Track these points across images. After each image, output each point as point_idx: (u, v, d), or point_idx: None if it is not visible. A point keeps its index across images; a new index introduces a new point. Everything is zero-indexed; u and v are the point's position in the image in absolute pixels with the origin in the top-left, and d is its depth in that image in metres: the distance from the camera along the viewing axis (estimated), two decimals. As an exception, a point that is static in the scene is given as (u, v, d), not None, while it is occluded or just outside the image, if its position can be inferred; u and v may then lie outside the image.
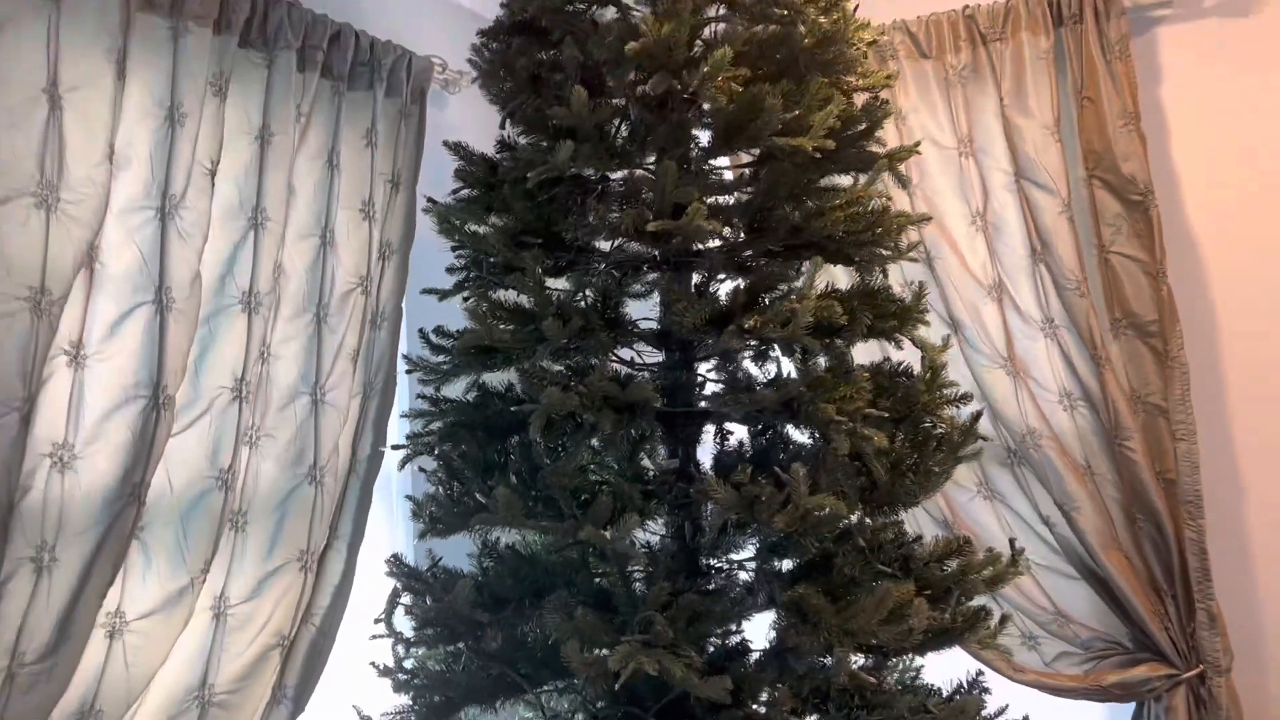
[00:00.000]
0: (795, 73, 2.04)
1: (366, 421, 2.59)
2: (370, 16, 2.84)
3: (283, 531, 2.37)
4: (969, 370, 2.75)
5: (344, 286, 2.56)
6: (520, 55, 2.08)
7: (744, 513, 1.78)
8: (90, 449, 1.99)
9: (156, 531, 2.13)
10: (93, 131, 1.97)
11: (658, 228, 1.80)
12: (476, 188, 2.14)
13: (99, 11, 1.99)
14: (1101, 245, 2.62)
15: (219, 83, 2.24)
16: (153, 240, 2.09)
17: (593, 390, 1.79)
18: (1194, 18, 2.63)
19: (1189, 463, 2.53)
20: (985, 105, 2.73)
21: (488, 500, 1.85)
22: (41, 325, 1.86)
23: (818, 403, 1.80)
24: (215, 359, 2.24)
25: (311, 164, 2.50)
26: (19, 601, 1.86)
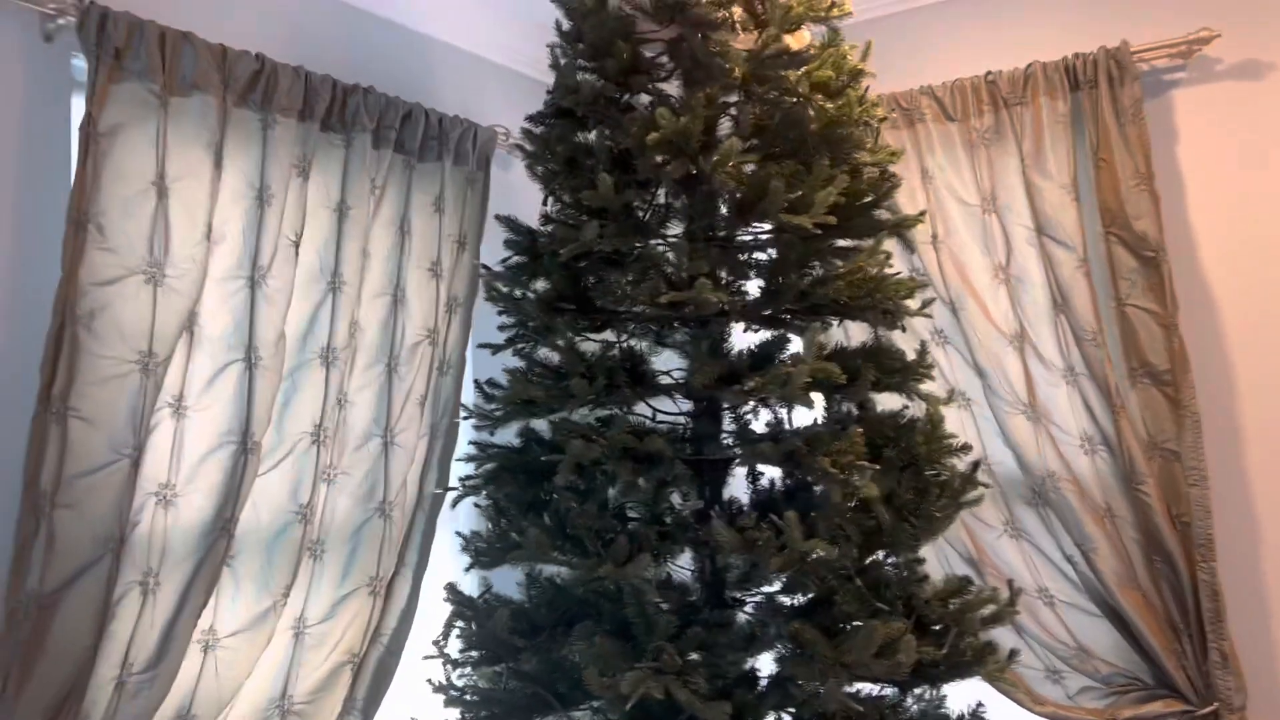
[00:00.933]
0: (805, 153, 2.25)
1: (432, 460, 2.88)
2: (441, 91, 3.15)
3: (355, 560, 2.66)
4: (992, 415, 2.90)
5: (413, 339, 2.85)
6: (559, 140, 2.34)
7: (746, 554, 1.99)
8: (189, 488, 2.30)
9: (245, 559, 2.43)
10: (193, 215, 2.29)
11: (669, 299, 2.03)
12: (523, 255, 2.41)
13: (200, 112, 2.31)
14: (1119, 298, 2.75)
15: (302, 164, 2.55)
16: (243, 306, 2.40)
17: (612, 442, 2.03)
18: (1208, 80, 2.75)
19: (1201, 507, 2.64)
20: (1008, 165, 2.90)
21: (521, 538, 2.09)
22: (149, 383, 2.19)
23: (814, 456, 2.01)
24: (297, 407, 2.54)
25: (385, 230, 2.80)
26: (128, 620, 2.17)
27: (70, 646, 2.05)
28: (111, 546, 2.12)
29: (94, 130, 2.14)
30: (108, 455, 2.12)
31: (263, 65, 2.44)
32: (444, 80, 3.19)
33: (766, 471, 2.42)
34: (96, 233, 2.13)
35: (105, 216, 2.15)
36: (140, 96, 2.22)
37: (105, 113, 2.16)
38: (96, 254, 2.13)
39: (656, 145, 2.11)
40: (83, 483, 2.08)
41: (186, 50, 2.30)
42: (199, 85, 2.31)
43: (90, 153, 2.13)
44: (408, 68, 3.06)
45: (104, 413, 2.12)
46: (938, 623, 2.23)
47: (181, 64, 2.29)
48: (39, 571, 2.02)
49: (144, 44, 2.21)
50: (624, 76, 2.26)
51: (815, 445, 2.03)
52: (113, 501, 2.12)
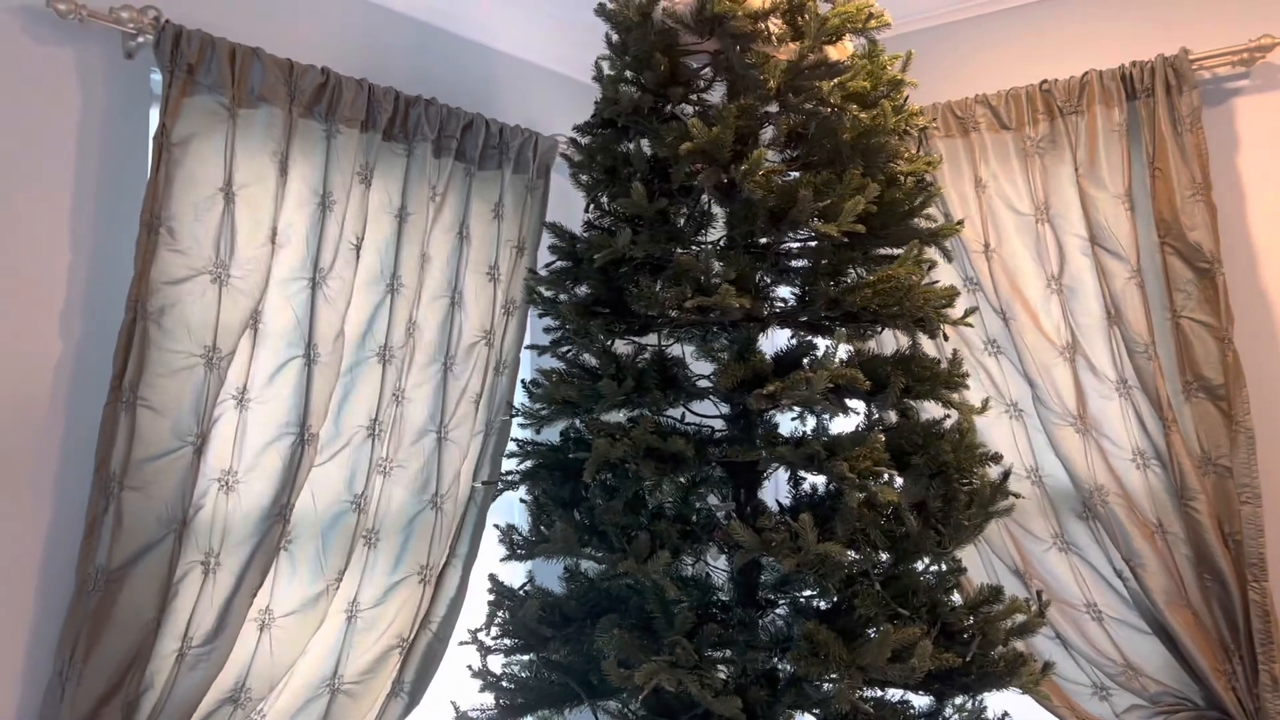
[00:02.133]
0: (839, 162, 2.29)
1: (485, 456, 2.99)
2: (504, 101, 3.27)
3: (408, 549, 2.78)
4: (1041, 425, 2.87)
5: (469, 339, 2.97)
6: (601, 150, 2.42)
7: (763, 553, 2.03)
8: (250, 475, 2.45)
9: (301, 544, 2.57)
10: (258, 220, 2.44)
11: (694, 304, 2.09)
12: (567, 261, 2.50)
13: (267, 123, 2.47)
14: (1174, 310, 2.70)
15: (364, 172, 2.69)
16: (304, 305, 2.55)
17: (636, 441, 2.10)
18: (1272, 88, 2.68)
19: (1253, 525, 2.57)
20: (1062, 174, 2.87)
21: (548, 531, 2.18)
22: (213, 376, 2.34)
23: (834, 460, 2.04)
24: (355, 402, 2.68)
25: (445, 235, 2.93)
26: (189, 597, 2.33)
27: (135, 619, 2.21)
28: (174, 527, 2.27)
29: (167, 140, 2.30)
30: (172, 442, 2.28)
31: (328, 78, 2.59)
32: (506, 90, 3.31)
33: (808, 477, 2.46)
34: (167, 235, 2.30)
35: (176, 220, 2.31)
36: (210, 108, 2.38)
37: (178, 124, 2.32)
38: (167, 255, 2.29)
39: (690, 154, 2.17)
40: (149, 467, 2.24)
41: (255, 65, 2.45)
42: (266, 98, 2.46)
43: (163, 161, 2.30)
44: (471, 78, 3.18)
45: (170, 403, 2.28)
46: (964, 631, 2.24)
47: (250, 78, 2.44)
48: (107, 548, 2.18)
49: (215, 59, 2.37)
50: (662, 88, 2.33)
51: (835, 450, 2.07)
52: (176, 485, 2.28)
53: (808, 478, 2.46)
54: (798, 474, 2.46)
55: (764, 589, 2.41)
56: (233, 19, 2.55)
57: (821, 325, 2.42)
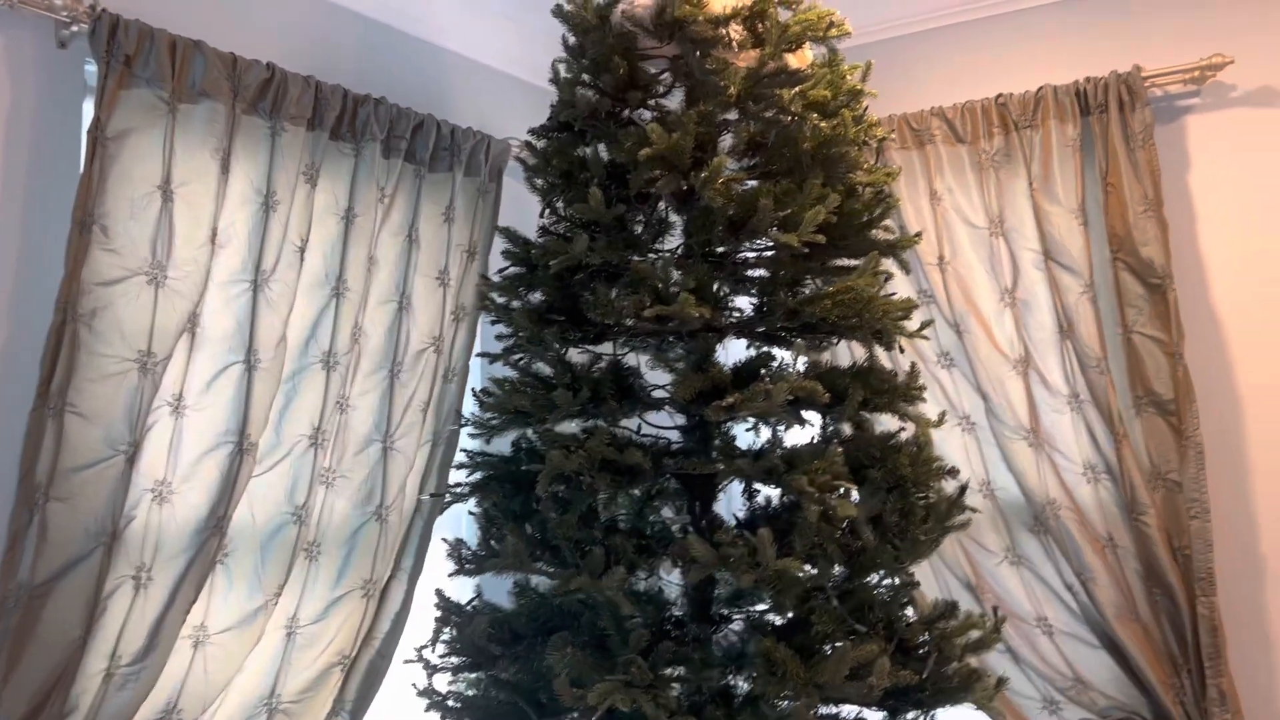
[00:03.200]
0: (799, 171, 2.25)
1: (433, 467, 2.90)
2: (457, 102, 3.20)
3: (351, 562, 2.69)
4: (993, 439, 2.87)
5: (418, 346, 2.88)
6: (557, 154, 2.36)
7: (720, 569, 1.99)
8: (185, 486, 2.35)
9: (239, 557, 2.47)
10: (198, 219, 2.34)
11: (652, 313, 2.04)
12: (521, 267, 2.43)
13: (208, 119, 2.37)
14: (1125, 325, 2.72)
15: (310, 172, 2.60)
16: (245, 309, 2.45)
17: (592, 453, 2.04)
18: (1222, 107, 2.71)
19: (1202, 540, 2.59)
20: (1016, 188, 2.88)
21: (498, 546, 2.11)
22: (147, 382, 2.24)
23: (793, 474, 2.00)
24: (297, 410, 2.58)
25: (393, 238, 2.84)
26: (119, 613, 2.22)
27: (60, 637, 2.10)
28: (104, 540, 2.16)
29: (101, 134, 2.20)
30: (103, 451, 2.17)
31: (273, 74, 2.50)
32: (458, 91, 3.23)
33: (763, 489, 2.42)
34: (101, 234, 2.19)
35: (110, 218, 2.21)
36: (149, 102, 2.28)
37: (113, 117, 2.22)
38: (100, 254, 2.19)
39: (648, 161, 2.12)
40: (78, 477, 2.13)
41: (196, 58, 2.35)
42: (208, 92, 2.37)
43: (97, 156, 2.19)
44: (421, 79, 3.11)
45: (101, 409, 2.17)
46: (919, 647, 2.22)
47: (191, 71, 2.35)
48: (30, 563, 2.07)
49: (154, 51, 2.27)
50: (620, 92, 2.29)
51: (794, 463, 2.03)
52: (106, 496, 2.17)
53: (762, 490, 2.43)
54: (752, 486, 2.42)
55: (717, 604, 2.36)
56: (173, 10, 2.44)
57: (778, 336, 2.39)
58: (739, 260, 2.36)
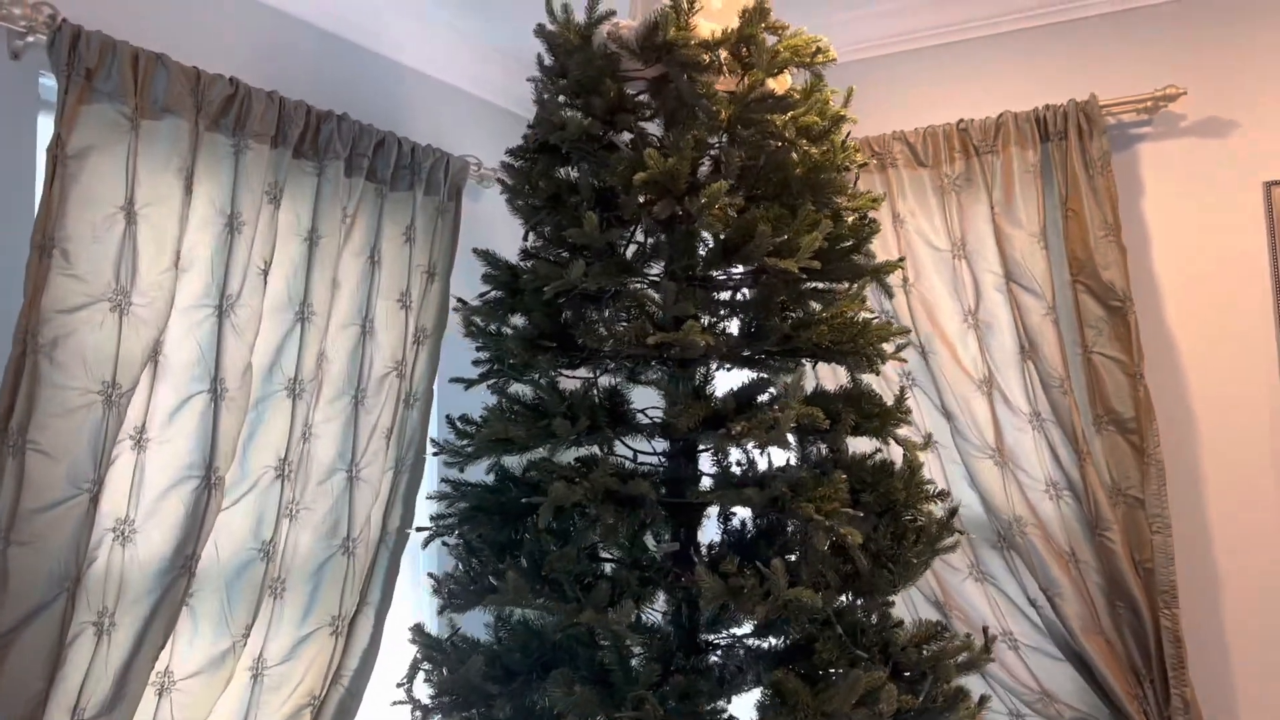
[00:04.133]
0: (788, 197, 2.25)
1: (397, 496, 2.81)
2: (413, 120, 3.11)
3: (317, 598, 2.58)
4: (960, 458, 2.92)
5: (381, 370, 2.79)
6: (542, 176, 2.31)
7: (730, 601, 1.96)
8: (148, 524, 2.22)
9: (204, 598, 2.34)
10: (162, 242, 2.22)
11: (657, 340, 2.01)
12: (501, 290, 2.37)
13: (171, 136, 2.25)
14: (1085, 346, 2.80)
15: (274, 191, 2.49)
16: (210, 335, 2.33)
17: (595, 485, 1.99)
18: (1173, 136, 2.82)
19: (1164, 554, 2.68)
20: (978, 212, 2.94)
21: (498, 582, 2.05)
22: (111, 415, 2.10)
23: (799, 502, 1.99)
24: (262, 441, 2.47)
25: (355, 260, 2.75)
26: (81, 662, 2.08)
27: (21, 690, 1.96)
28: (67, 586, 2.03)
29: (62, 152, 2.07)
30: (67, 490, 2.03)
31: (236, 89, 2.39)
32: (416, 109, 3.15)
33: (738, 512, 2.41)
34: (61, 258, 2.06)
35: (71, 242, 2.07)
36: (110, 118, 2.15)
37: (74, 134, 2.08)
38: (61, 280, 2.05)
39: (643, 185, 2.09)
40: (41, 519, 1.99)
41: (160, 72, 2.23)
42: (171, 108, 2.25)
43: (58, 175, 2.06)
44: (380, 95, 3.02)
45: (64, 445, 2.03)
46: (913, 669, 2.23)
47: (154, 86, 2.23)
48: (-9, 612, 1.92)
49: (116, 64, 2.14)
50: (610, 115, 2.25)
51: (799, 490, 2.02)
52: (71, 538, 2.03)
53: (736, 514, 2.42)
54: (727, 512, 2.41)
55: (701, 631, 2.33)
56: (130, 21, 2.31)
57: (756, 361, 2.38)
58: (728, 285, 2.36)
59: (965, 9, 3.00)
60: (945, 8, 3.02)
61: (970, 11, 3.00)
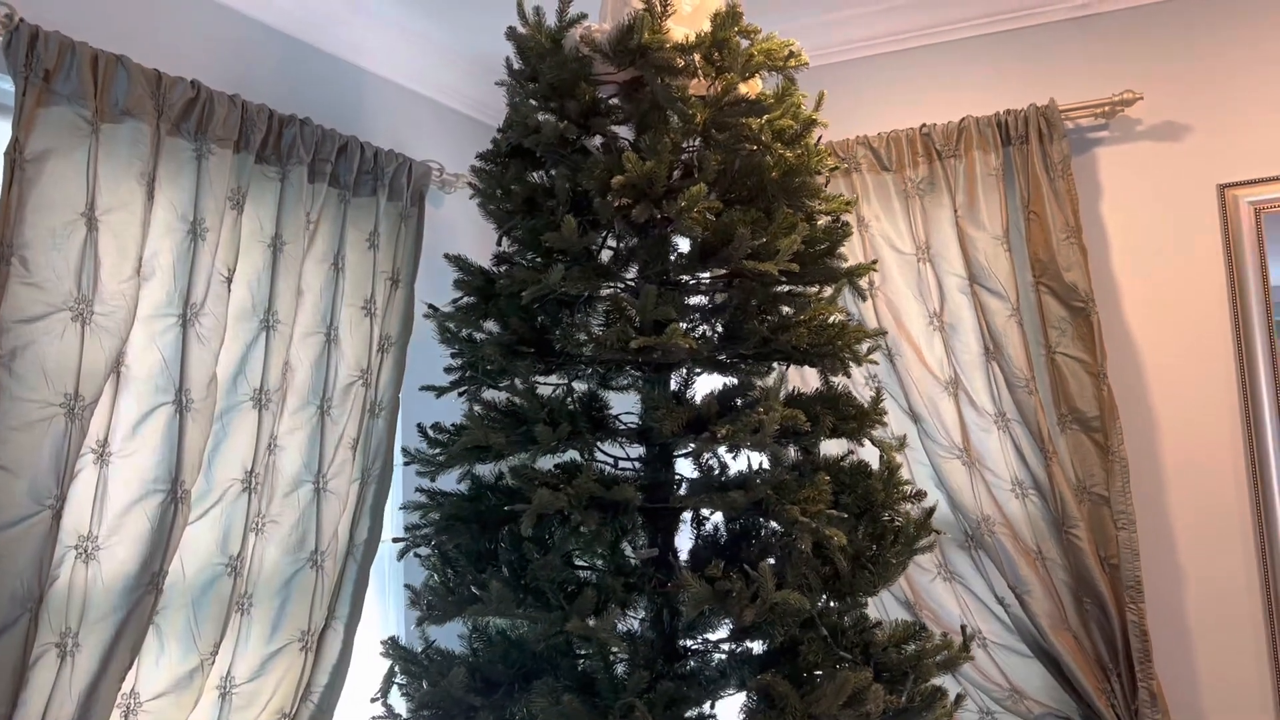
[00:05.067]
0: (764, 199, 2.25)
1: (364, 507, 2.75)
2: (374, 125, 3.07)
3: (285, 613, 2.52)
4: (928, 460, 2.95)
5: (346, 379, 2.74)
6: (515, 180, 2.29)
7: (716, 605, 1.95)
8: (112, 540, 2.14)
9: (170, 616, 2.27)
10: (124, 249, 2.15)
11: (640, 344, 1.99)
12: (474, 296, 2.34)
13: (132, 140, 2.18)
14: (1049, 346, 2.84)
15: (237, 196, 2.44)
16: (174, 345, 2.27)
17: (579, 491, 1.97)
18: (1129, 140, 2.88)
19: (1129, 550, 2.72)
20: (941, 215, 2.97)
21: (481, 592, 2.01)
22: (74, 428, 2.03)
23: (783, 504, 1.99)
24: (228, 453, 2.40)
25: (319, 266, 2.69)
26: (44, 685, 2.00)
27: (-19, 717, 1.88)
28: (30, 606, 1.95)
29: (20, 156, 2.00)
30: (29, 506, 1.96)
31: (198, 92, 2.33)
32: (378, 114, 3.11)
33: (710, 516, 2.41)
34: (20, 266, 1.98)
35: (30, 249, 2.00)
36: (70, 121, 2.08)
37: (33, 138, 2.02)
38: (20, 289, 1.98)
39: (621, 188, 2.08)
40: (2, 537, 1.91)
41: (120, 74, 2.17)
42: (132, 111, 2.19)
43: (15, 180, 1.99)
44: (342, 100, 2.97)
45: (25, 460, 1.96)
46: (893, 669, 2.23)
47: (114, 88, 2.16)
48: (-50, 635, 1.84)
49: (76, 66, 2.08)
50: (584, 118, 2.23)
51: (783, 493, 2.02)
52: (33, 556, 1.96)
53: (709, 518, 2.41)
54: (700, 516, 2.40)
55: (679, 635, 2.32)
56: (89, 22, 2.25)
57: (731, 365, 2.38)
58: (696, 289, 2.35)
59: (926, 15, 3.04)
60: (907, 14, 3.05)
61: (931, 17, 3.04)
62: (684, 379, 2.26)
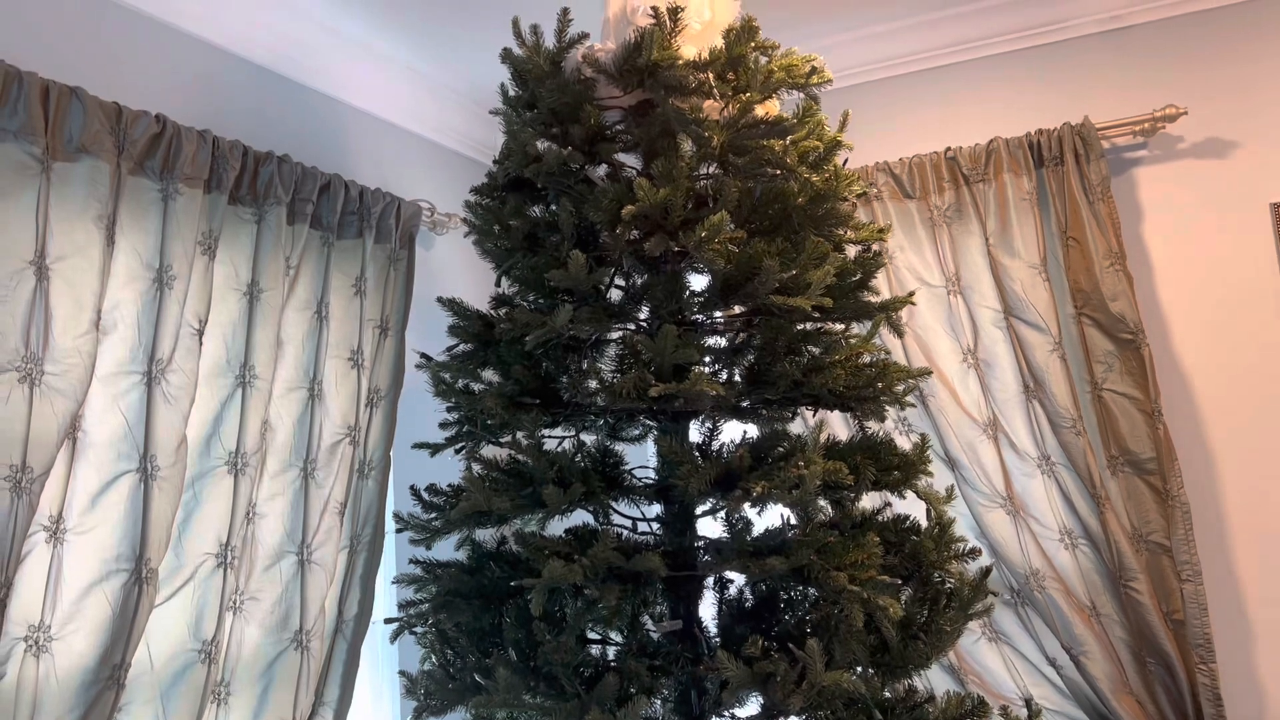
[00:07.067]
0: (788, 228, 2.04)
1: (353, 578, 2.51)
2: (359, 163, 2.86)
3: (267, 701, 2.26)
4: (968, 510, 2.71)
5: (331, 438, 2.50)
6: (515, 214, 2.08)
7: (758, 690, 1.71)
8: (67, 629, 1.90)
9: (135, 712, 2.02)
10: (80, 300, 1.93)
11: (660, 391, 1.77)
12: (471, 343, 2.12)
13: (89, 180, 1.97)
14: (1095, 383, 2.62)
15: (208, 241, 2.22)
16: (138, 406, 2.03)
17: (596, 562, 1.73)
18: (1171, 159, 2.68)
19: (1196, 604, 2.48)
20: (971, 244, 2.76)
21: (485, 681, 1.77)
22: (21, 504, 1.79)
23: (829, 570, 1.75)
24: (200, 524, 2.16)
25: (300, 315, 2.47)
26: (-13, 801, 1.75)
27: (-91, 845, 1.62)
28: (-32, 711, 1.70)
29: (-41, 198, 1.77)
30: (-34, 596, 1.71)
31: (163, 127, 2.12)
32: (362, 152, 2.90)
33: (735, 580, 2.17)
34: (-42, 321, 1.76)
35: (-30, 302, 1.77)
36: (17, 159, 1.87)
37: (-27, 178, 1.79)
38: (-42, 347, 1.75)
39: (632, 219, 1.86)
40: (-68, 633, 1.67)
41: (74, 107, 1.96)
42: (88, 148, 1.97)
43: (-47, 225, 1.76)
44: (324, 137, 2.76)
45: (-37, 543, 1.71)
46: (951, 751, 1.99)
47: (68, 123, 1.95)
48: None
49: (23, 98, 1.87)
50: (590, 144, 2.03)
51: (828, 557, 1.78)
52: (-29, 654, 1.71)
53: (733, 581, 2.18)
54: (724, 579, 2.16)
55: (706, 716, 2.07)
56: (40, 51, 2.04)
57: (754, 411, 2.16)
58: (721, 329, 2.13)
59: (950, 32, 2.85)
60: (929, 31, 2.87)
61: (955, 34, 2.85)
62: (706, 428, 2.03)
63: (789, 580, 1.87)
